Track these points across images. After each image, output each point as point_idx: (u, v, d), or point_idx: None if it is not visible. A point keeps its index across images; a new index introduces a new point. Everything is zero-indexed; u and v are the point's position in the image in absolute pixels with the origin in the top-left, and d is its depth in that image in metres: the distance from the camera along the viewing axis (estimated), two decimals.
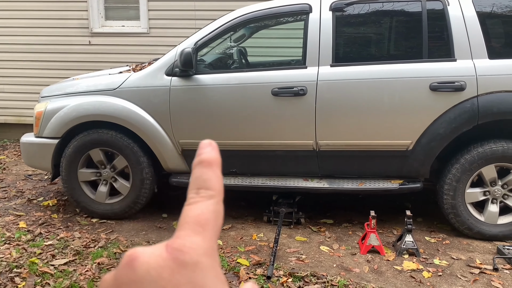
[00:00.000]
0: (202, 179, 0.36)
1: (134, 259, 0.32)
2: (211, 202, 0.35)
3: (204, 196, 0.35)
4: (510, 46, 3.45)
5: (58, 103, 3.78)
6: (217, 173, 0.37)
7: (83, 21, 6.27)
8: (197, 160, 0.37)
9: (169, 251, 0.32)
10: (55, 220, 3.83)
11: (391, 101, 3.30)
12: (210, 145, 0.38)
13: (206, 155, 0.37)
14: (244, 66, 4.47)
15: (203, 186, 0.36)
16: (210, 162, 0.37)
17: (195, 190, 0.36)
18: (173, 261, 0.32)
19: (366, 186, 3.45)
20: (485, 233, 3.39)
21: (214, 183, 0.36)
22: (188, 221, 0.34)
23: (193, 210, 0.35)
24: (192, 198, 0.36)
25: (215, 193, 0.36)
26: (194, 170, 0.37)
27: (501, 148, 3.25)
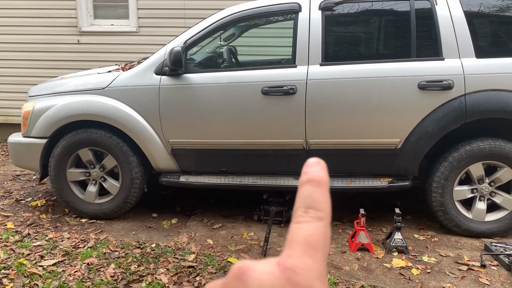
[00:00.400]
0: (312, 198, 0.36)
1: (245, 273, 0.32)
2: (321, 224, 0.35)
3: (314, 217, 0.35)
4: (497, 45, 3.49)
5: (46, 103, 3.74)
6: (326, 194, 0.37)
7: (72, 19, 6.22)
8: (305, 178, 0.37)
9: (282, 270, 0.32)
10: (44, 221, 3.80)
11: (380, 100, 3.32)
12: (319, 164, 0.38)
13: (316, 174, 0.37)
14: (234, 65, 4.47)
15: (312, 206, 0.36)
16: (320, 182, 0.37)
17: (303, 209, 0.36)
18: (286, 281, 0.31)
19: (356, 185, 3.47)
20: (473, 230, 3.42)
21: (324, 205, 0.36)
22: (299, 241, 0.34)
23: (303, 230, 0.35)
24: (301, 216, 0.35)
25: (324, 215, 0.36)
26: (302, 187, 0.37)
27: (488, 146, 3.29)
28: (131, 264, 3.04)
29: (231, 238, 3.47)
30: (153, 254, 3.19)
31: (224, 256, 3.16)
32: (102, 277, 2.88)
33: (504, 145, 3.28)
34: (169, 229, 3.65)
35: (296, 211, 0.36)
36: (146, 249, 3.26)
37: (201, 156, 3.63)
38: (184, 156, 3.63)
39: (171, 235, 3.53)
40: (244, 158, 3.60)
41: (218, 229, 3.63)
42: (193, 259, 3.10)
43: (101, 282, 2.82)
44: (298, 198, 0.37)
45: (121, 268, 2.98)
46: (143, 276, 2.89)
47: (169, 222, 3.76)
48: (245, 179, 3.62)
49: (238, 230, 3.61)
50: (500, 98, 3.19)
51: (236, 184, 3.60)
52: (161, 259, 3.10)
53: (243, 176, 3.65)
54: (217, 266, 3.01)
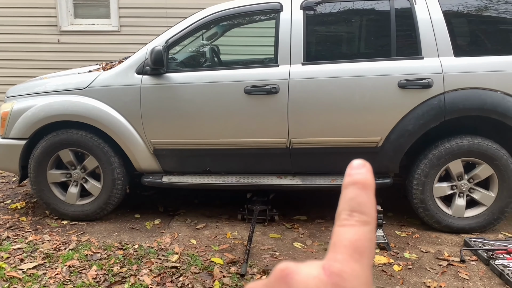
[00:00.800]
0: (357, 201, 0.35)
1: (289, 275, 0.31)
2: (367, 229, 0.34)
3: (359, 221, 0.34)
4: (475, 44, 3.56)
5: (25, 103, 3.68)
6: (372, 197, 0.35)
7: (51, 19, 6.12)
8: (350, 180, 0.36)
9: (328, 275, 0.31)
10: (24, 223, 3.74)
11: (361, 99, 3.35)
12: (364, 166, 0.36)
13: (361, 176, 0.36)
14: (216, 64, 4.46)
15: (357, 209, 0.34)
16: (366, 184, 0.35)
17: (348, 212, 0.34)
18: (333, 286, 0.30)
19: (338, 182, 3.50)
20: (452, 226, 3.49)
21: (369, 209, 0.35)
22: (346, 245, 0.33)
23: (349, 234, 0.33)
24: (346, 220, 0.34)
25: (370, 220, 0.34)
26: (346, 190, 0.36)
27: (467, 143, 3.35)
28: (113, 266, 3.01)
29: (214, 238, 3.46)
30: (136, 255, 3.16)
31: (208, 256, 3.15)
32: (83, 279, 2.84)
33: (482, 142, 3.34)
34: (152, 230, 3.62)
35: (340, 214, 0.35)
36: (129, 250, 3.23)
37: (183, 156, 3.61)
38: (166, 156, 3.61)
39: (154, 235, 3.51)
40: (227, 157, 3.60)
41: (202, 229, 3.62)
42: (176, 259, 3.09)
43: (83, 284, 2.78)
44: (342, 200, 0.36)
45: (103, 270, 2.95)
46: (125, 278, 2.87)
47: (152, 223, 3.74)
48: (229, 179, 3.62)
49: (222, 230, 3.60)
50: (478, 96, 3.26)
51: (219, 184, 3.59)
52: (144, 260, 3.08)
53: (227, 175, 3.65)
54: (201, 266, 3.00)
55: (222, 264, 3.03)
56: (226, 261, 3.06)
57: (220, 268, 2.97)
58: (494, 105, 3.24)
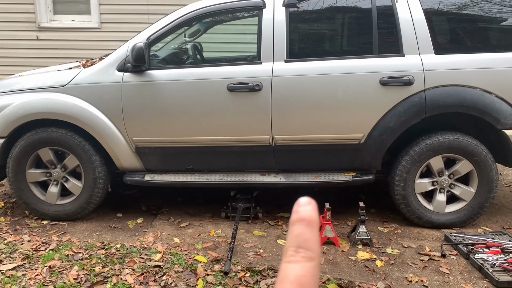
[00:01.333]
0: (303, 238, 0.37)
1: None
2: (312, 264, 0.36)
3: (305, 257, 0.36)
4: (455, 42, 3.61)
5: (3, 101, 3.60)
6: (317, 234, 0.38)
7: (30, 15, 6.00)
8: (296, 217, 0.38)
9: None
10: (2, 224, 3.66)
11: (344, 96, 3.37)
12: (310, 204, 0.39)
13: (308, 213, 0.38)
14: (199, 62, 4.43)
15: (303, 245, 0.37)
16: (311, 221, 0.38)
17: (294, 248, 0.37)
18: None
19: (321, 179, 3.52)
20: (434, 222, 3.54)
21: (314, 245, 0.37)
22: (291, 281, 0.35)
23: (295, 270, 0.35)
24: (292, 256, 0.36)
25: (314, 256, 0.37)
26: (293, 226, 0.38)
27: (447, 139, 3.40)
28: (95, 266, 2.97)
29: (198, 236, 3.44)
30: (118, 254, 3.12)
31: (191, 254, 3.13)
32: (64, 279, 2.80)
33: (462, 138, 3.40)
34: (135, 229, 3.58)
35: (287, 250, 0.37)
36: (111, 250, 3.19)
37: (166, 154, 3.58)
38: (148, 155, 3.58)
39: (137, 235, 3.48)
40: (211, 155, 3.58)
41: (185, 227, 3.60)
42: (159, 258, 3.06)
43: (64, 285, 2.74)
44: (289, 237, 0.38)
45: (85, 270, 2.91)
46: (107, 277, 2.83)
47: (134, 222, 3.70)
48: (212, 177, 3.60)
49: (205, 228, 3.58)
50: (458, 93, 3.30)
51: (203, 182, 3.57)
52: (127, 260, 3.05)
53: (210, 173, 3.63)
54: (184, 264, 2.98)
55: (206, 262, 3.01)
56: (209, 259, 3.05)
57: (204, 266, 2.95)
58: (474, 102, 3.30)
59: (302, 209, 0.39)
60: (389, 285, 2.77)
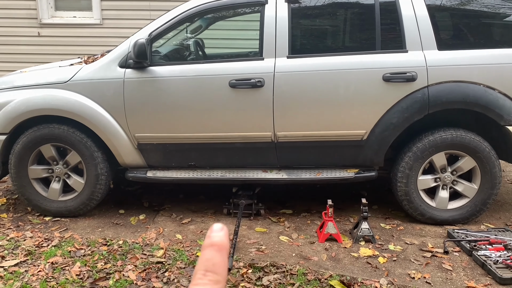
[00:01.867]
0: (212, 262, 0.39)
1: None
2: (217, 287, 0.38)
3: (212, 280, 0.38)
4: (458, 38, 3.59)
5: (5, 97, 3.59)
6: (225, 259, 0.40)
7: (31, 11, 5.99)
8: (208, 242, 0.41)
9: None
10: (5, 220, 3.66)
11: (346, 92, 3.36)
12: (222, 230, 0.42)
13: (219, 239, 0.40)
14: (201, 58, 4.42)
15: (211, 269, 0.39)
16: (221, 246, 0.40)
17: (203, 272, 0.39)
18: None
19: (323, 176, 3.51)
20: (436, 218, 3.53)
21: (222, 269, 0.40)
22: None
23: None
24: (199, 279, 0.39)
25: (221, 279, 0.39)
26: (204, 251, 0.40)
27: (450, 136, 3.39)
28: (97, 262, 2.97)
29: (200, 233, 3.44)
30: (120, 251, 3.13)
31: (193, 250, 3.13)
32: (67, 276, 2.80)
33: (465, 135, 3.38)
34: (137, 225, 3.59)
35: (196, 273, 0.39)
36: (113, 246, 3.19)
37: (168, 151, 3.57)
38: (151, 151, 3.57)
39: (139, 231, 3.48)
40: (213, 152, 3.57)
41: (187, 223, 3.60)
42: (161, 254, 3.06)
43: (66, 281, 2.74)
44: (199, 260, 0.40)
45: (87, 266, 2.91)
46: (110, 274, 2.83)
47: (136, 218, 3.70)
48: (214, 173, 3.59)
49: (208, 224, 3.58)
50: (461, 89, 3.29)
51: (205, 178, 3.57)
52: (129, 256, 3.05)
53: (212, 170, 3.62)
54: (186, 261, 2.98)
55: None
56: None
57: None
58: (477, 98, 3.28)
59: (214, 234, 0.41)
60: (392, 281, 2.77)
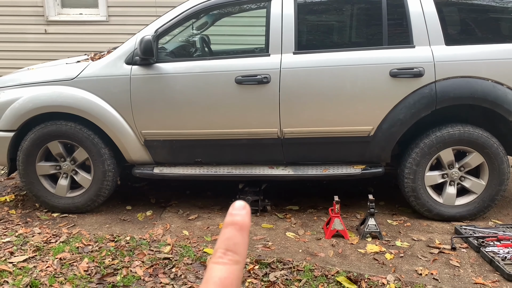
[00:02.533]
0: (233, 242, 0.39)
1: None
2: (237, 267, 0.38)
3: (232, 260, 0.38)
4: (466, 33, 3.56)
5: (12, 94, 3.61)
6: (246, 239, 0.40)
7: (38, 8, 6.01)
8: (230, 220, 0.40)
9: None
10: (13, 216, 3.69)
11: (353, 88, 3.34)
12: (245, 209, 0.41)
13: (240, 218, 0.40)
14: (207, 54, 4.42)
15: (232, 248, 0.39)
16: (243, 226, 0.40)
17: (223, 250, 0.39)
18: None
19: (330, 172, 3.50)
20: (443, 215, 3.51)
21: (242, 249, 0.39)
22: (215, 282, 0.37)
23: (220, 272, 0.37)
24: (220, 257, 0.38)
25: (241, 259, 0.39)
26: (225, 229, 0.40)
27: (458, 132, 3.36)
28: (105, 258, 2.99)
29: (207, 229, 3.45)
30: (128, 247, 3.14)
31: (200, 246, 3.14)
32: (75, 271, 2.82)
33: (473, 130, 3.36)
34: (144, 222, 3.60)
35: (216, 251, 0.39)
36: (121, 242, 3.21)
37: (174, 147, 3.58)
38: (157, 148, 3.58)
39: (146, 227, 3.49)
40: (219, 148, 3.57)
41: (194, 220, 3.61)
42: (168, 250, 3.07)
43: (74, 277, 2.76)
44: (220, 238, 0.40)
45: (95, 262, 2.93)
46: (117, 269, 2.85)
47: (143, 214, 3.72)
48: (220, 170, 3.60)
49: (214, 221, 3.59)
50: (469, 85, 3.26)
51: (211, 175, 3.58)
52: (136, 252, 3.07)
53: (218, 166, 3.63)
54: (193, 257, 2.99)
55: None
56: None
57: None
58: (485, 94, 3.25)
59: (237, 212, 0.40)
60: (399, 278, 2.76)
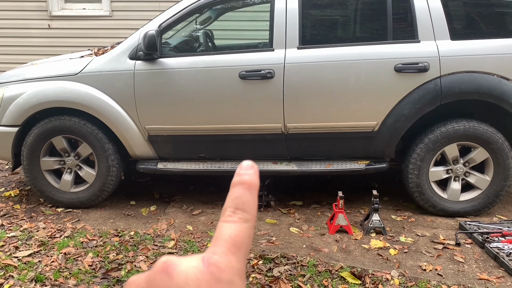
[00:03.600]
0: (241, 200, 0.38)
1: (171, 266, 0.34)
2: (247, 225, 0.38)
3: (241, 218, 0.38)
4: (471, 27, 3.53)
5: (16, 90, 3.62)
6: (255, 198, 0.39)
7: (41, 3, 6.00)
8: (238, 179, 0.39)
9: (206, 266, 0.34)
10: (18, 211, 3.71)
11: (357, 83, 3.33)
12: (252, 168, 0.40)
13: (248, 177, 0.39)
14: (210, 49, 4.40)
15: (241, 207, 0.38)
16: (251, 185, 0.39)
17: (232, 209, 0.38)
18: (210, 275, 0.34)
19: (334, 168, 3.49)
20: (448, 210, 3.50)
21: (252, 208, 0.38)
22: (225, 239, 0.36)
23: (230, 229, 0.37)
24: (229, 216, 0.38)
25: (250, 217, 0.38)
26: (234, 188, 0.39)
27: (463, 127, 3.35)
28: (109, 253, 3.00)
29: (210, 224, 3.45)
30: (132, 242, 3.15)
31: (204, 241, 3.15)
32: (80, 266, 2.83)
33: (478, 126, 3.34)
34: (148, 217, 3.61)
35: (225, 210, 0.38)
36: (125, 237, 3.22)
37: (178, 142, 3.58)
38: (161, 143, 3.58)
39: (150, 222, 3.50)
40: (223, 143, 3.57)
41: (198, 215, 3.62)
42: (172, 245, 3.08)
43: (79, 271, 2.77)
44: (228, 198, 0.39)
45: (99, 257, 2.94)
46: (122, 264, 2.86)
47: (147, 210, 3.72)
48: (224, 165, 3.60)
49: (218, 216, 3.59)
50: (474, 80, 3.24)
51: (215, 170, 3.57)
52: (140, 247, 3.07)
53: (222, 161, 3.62)
54: (197, 251, 3.00)
55: None
56: None
57: None
58: (490, 89, 3.23)
59: (244, 172, 0.40)
60: (403, 273, 2.76)
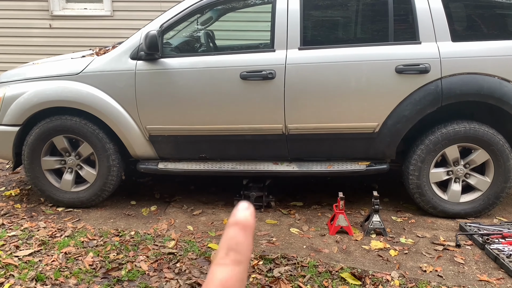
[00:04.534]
0: (235, 241, 0.38)
1: None
2: (239, 269, 0.37)
3: (234, 260, 0.38)
4: (473, 29, 3.53)
5: (17, 89, 3.62)
6: (250, 239, 0.39)
7: (43, 3, 6.01)
8: (233, 220, 0.39)
9: None
10: (19, 210, 3.71)
11: (358, 84, 3.33)
12: (248, 209, 0.40)
13: (244, 218, 0.39)
14: (212, 50, 4.40)
15: (234, 248, 0.38)
16: (246, 226, 0.39)
17: (225, 251, 0.38)
18: None
19: (334, 168, 3.50)
20: (448, 212, 3.50)
21: (245, 249, 0.38)
22: (216, 285, 0.36)
23: (222, 274, 0.37)
24: (221, 259, 0.38)
25: (243, 259, 0.38)
26: (228, 229, 0.39)
27: (464, 128, 3.35)
28: (110, 252, 3.00)
29: (211, 224, 3.46)
30: (132, 241, 3.15)
31: (205, 242, 3.15)
32: (80, 266, 2.84)
33: (479, 127, 3.34)
34: (148, 216, 3.61)
35: (218, 251, 0.38)
36: (125, 237, 3.22)
37: (179, 143, 3.58)
38: (162, 143, 3.58)
39: (151, 222, 3.50)
40: (223, 144, 3.57)
41: (198, 215, 3.62)
42: (173, 245, 3.08)
43: (79, 271, 2.78)
44: (223, 238, 0.39)
45: (100, 257, 2.94)
46: (122, 264, 2.86)
47: (148, 209, 3.73)
48: (225, 165, 3.60)
49: (218, 216, 3.60)
50: (475, 81, 3.24)
51: (215, 170, 3.58)
52: (141, 247, 3.08)
53: (223, 162, 3.63)
54: (198, 252, 3.00)
55: None
56: None
57: None
58: (491, 91, 3.24)
59: (240, 212, 0.40)
60: (403, 274, 2.76)
